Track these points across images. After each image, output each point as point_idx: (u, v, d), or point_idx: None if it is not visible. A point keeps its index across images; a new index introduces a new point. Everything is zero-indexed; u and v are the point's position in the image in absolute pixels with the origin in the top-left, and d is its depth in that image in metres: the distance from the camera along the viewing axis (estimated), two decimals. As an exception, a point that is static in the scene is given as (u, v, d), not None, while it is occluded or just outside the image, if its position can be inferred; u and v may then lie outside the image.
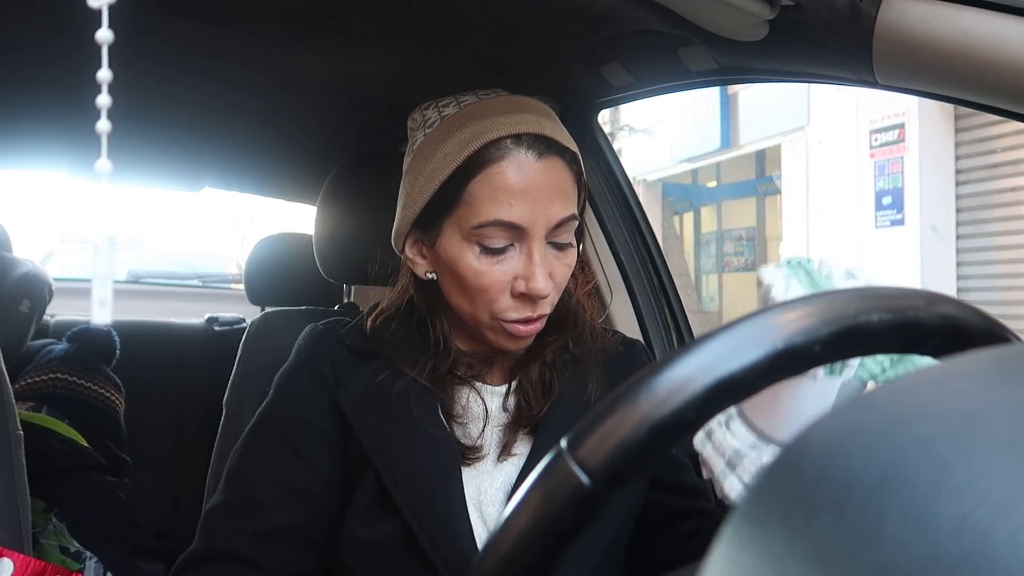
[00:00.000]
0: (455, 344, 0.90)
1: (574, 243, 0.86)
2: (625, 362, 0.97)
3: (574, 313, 0.93)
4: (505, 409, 0.90)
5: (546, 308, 0.84)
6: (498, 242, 0.81)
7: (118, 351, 1.79)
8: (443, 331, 0.89)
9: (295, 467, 0.86)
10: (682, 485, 0.95)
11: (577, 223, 0.85)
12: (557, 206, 0.81)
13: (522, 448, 0.88)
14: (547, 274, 0.81)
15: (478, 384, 0.90)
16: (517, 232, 0.81)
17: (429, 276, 0.88)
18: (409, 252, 0.89)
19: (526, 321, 0.83)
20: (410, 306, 0.91)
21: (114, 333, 1.78)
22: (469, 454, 0.86)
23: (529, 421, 0.88)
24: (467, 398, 0.89)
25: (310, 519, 0.85)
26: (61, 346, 1.75)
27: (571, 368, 0.92)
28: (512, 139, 0.80)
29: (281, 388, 0.91)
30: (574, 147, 0.85)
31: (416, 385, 0.86)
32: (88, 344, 1.75)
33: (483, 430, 0.88)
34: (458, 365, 0.90)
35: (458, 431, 0.87)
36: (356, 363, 0.89)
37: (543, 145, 0.81)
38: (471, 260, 0.82)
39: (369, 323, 0.91)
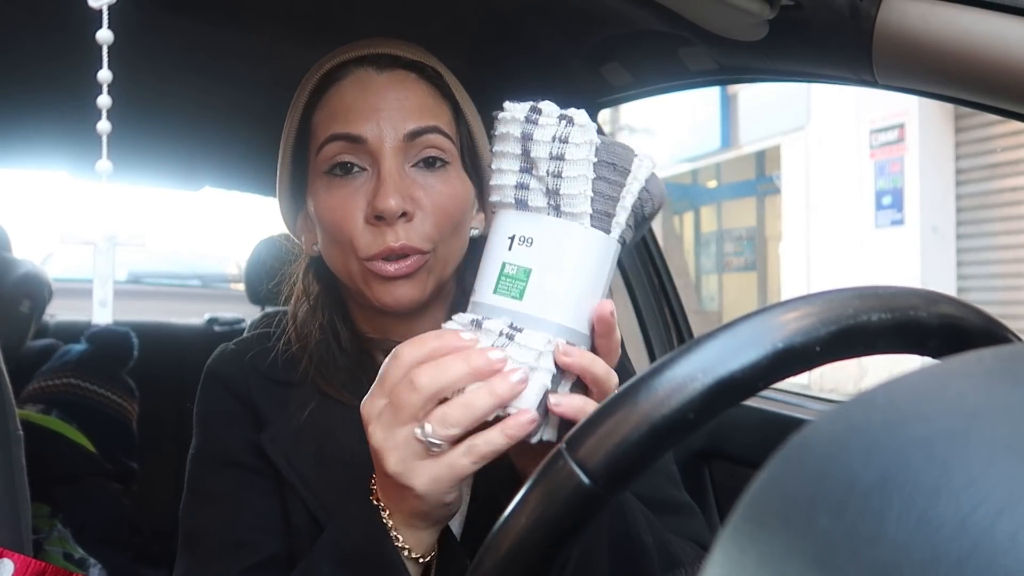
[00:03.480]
0: (364, 330, 0.81)
1: (455, 168, 0.77)
2: None
3: None
4: None
5: (414, 239, 0.71)
6: (342, 160, 0.73)
7: (135, 353, 1.79)
8: (346, 319, 0.80)
9: (257, 488, 0.76)
10: (669, 501, 0.81)
11: (452, 143, 0.76)
12: (408, 116, 0.73)
13: None
14: (403, 193, 0.71)
15: None
16: (363, 149, 0.73)
17: (315, 249, 0.80)
18: (299, 230, 0.84)
19: (388, 255, 0.71)
20: (315, 309, 0.81)
21: (132, 335, 1.78)
22: None
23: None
24: None
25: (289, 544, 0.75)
26: (79, 347, 1.75)
27: None
28: (354, 62, 0.77)
29: (205, 418, 0.80)
30: (434, 64, 0.79)
31: (347, 411, 0.74)
32: (105, 347, 1.75)
33: None
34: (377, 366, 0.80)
35: None
36: (278, 393, 0.78)
37: (387, 60, 0.77)
38: (322, 195, 0.75)
39: (281, 345, 0.80)
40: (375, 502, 0.61)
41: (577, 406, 0.55)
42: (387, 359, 0.56)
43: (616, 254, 0.59)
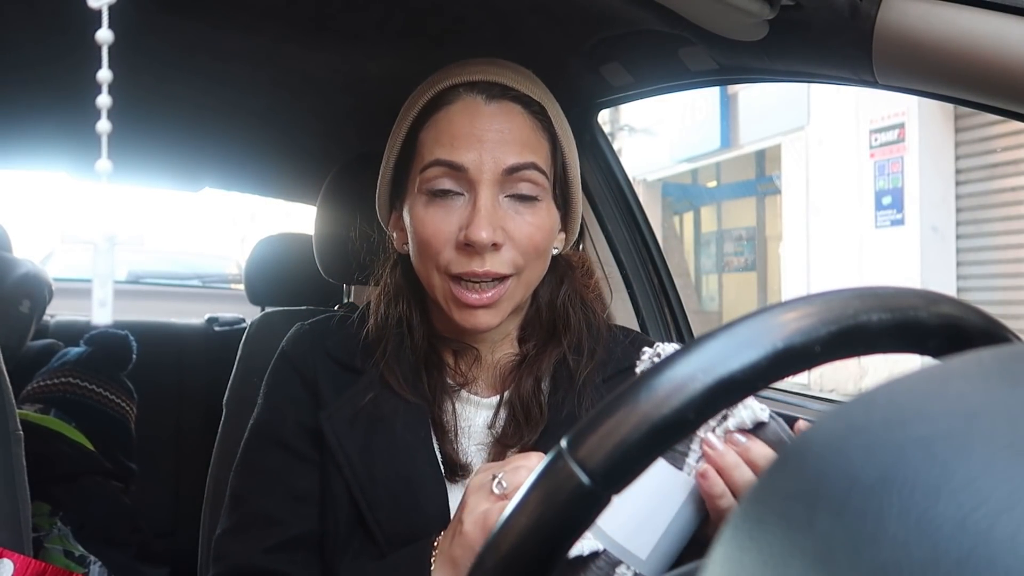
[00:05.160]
0: (438, 329, 0.86)
1: (546, 201, 0.80)
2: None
3: (564, 311, 0.86)
4: (492, 426, 0.84)
5: (499, 266, 0.77)
6: (442, 185, 0.77)
7: (134, 355, 1.78)
8: (423, 316, 0.85)
9: (298, 471, 0.82)
10: None
11: (546, 178, 0.80)
12: (509, 150, 0.77)
13: None
14: (495, 225, 0.76)
15: (464, 393, 0.85)
16: (463, 176, 0.77)
17: (405, 248, 0.85)
18: (391, 227, 0.88)
19: (472, 277, 0.76)
20: (396, 302, 0.86)
21: (131, 338, 1.78)
22: (460, 472, 0.81)
23: (519, 445, 0.81)
24: (454, 410, 0.84)
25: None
26: (78, 349, 1.75)
27: (566, 385, 0.84)
28: (465, 86, 0.80)
29: (270, 395, 0.87)
30: (540, 98, 0.82)
31: (405, 405, 0.81)
32: (104, 349, 1.75)
33: (468, 448, 0.83)
34: (445, 367, 0.85)
35: (448, 447, 0.82)
36: (342, 378, 0.84)
37: (497, 90, 0.80)
38: (419, 210, 0.79)
39: (359, 333, 0.86)
40: (435, 544, 0.68)
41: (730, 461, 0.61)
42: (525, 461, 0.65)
43: (691, 492, 0.62)
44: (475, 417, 0.85)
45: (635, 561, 0.58)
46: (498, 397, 0.85)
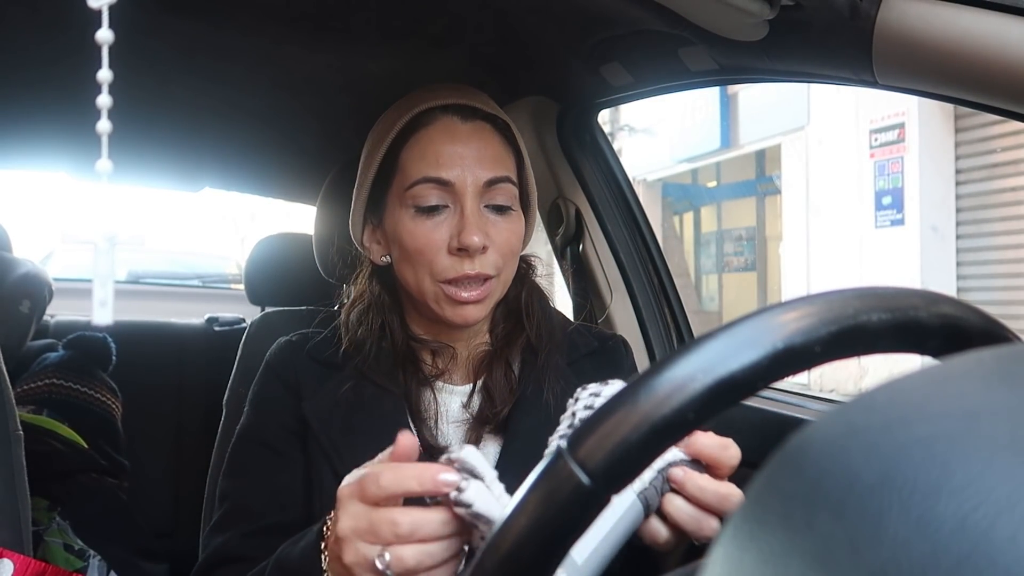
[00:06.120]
0: (416, 332, 0.93)
1: (517, 210, 0.90)
2: (599, 359, 0.98)
3: (528, 303, 0.95)
4: (467, 406, 0.91)
5: (488, 268, 0.86)
6: (430, 199, 0.85)
7: (114, 357, 1.79)
8: (401, 322, 0.92)
9: (279, 466, 0.87)
10: None
11: (516, 189, 0.90)
12: (486, 166, 0.87)
13: (491, 448, 0.89)
14: (482, 231, 0.85)
15: (439, 383, 0.92)
16: (448, 190, 0.86)
17: (384, 260, 0.92)
18: (367, 241, 0.95)
19: (465, 280, 0.85)
20: (372, 305, 0.93)
21: (109, 339, 1.78)
22: (437, 456, 0.84)
23: (492, 420, 0.89)
24: (434, 397, 0.91)
25: (303, 515, 0.85)
26: (57, 353, 1.75)
27: (532, 364, 0.93)
28: (440, 108, 0.89)
29: (254, 400, 0.93)
30: (505, 117, 0.92)
31: (383, 392, 0.88)
32: (84, 350, 1.75)
33: (447, 430, 0.90)
34: (421, 363, 0.92)
35: (427, 433, 0.88)
36: (323, 374, 0.90)
37: (469, 111, 0.89)
38: (408, 223, 0.87)
39: (337, 334, 0.93)
40: (324, 549, 0.65)
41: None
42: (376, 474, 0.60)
43: (631, 505, 0.62)
44: (451, 402, 0.92)
45: (570, 565, 0.58)
46: (471, 385, 0.93)
